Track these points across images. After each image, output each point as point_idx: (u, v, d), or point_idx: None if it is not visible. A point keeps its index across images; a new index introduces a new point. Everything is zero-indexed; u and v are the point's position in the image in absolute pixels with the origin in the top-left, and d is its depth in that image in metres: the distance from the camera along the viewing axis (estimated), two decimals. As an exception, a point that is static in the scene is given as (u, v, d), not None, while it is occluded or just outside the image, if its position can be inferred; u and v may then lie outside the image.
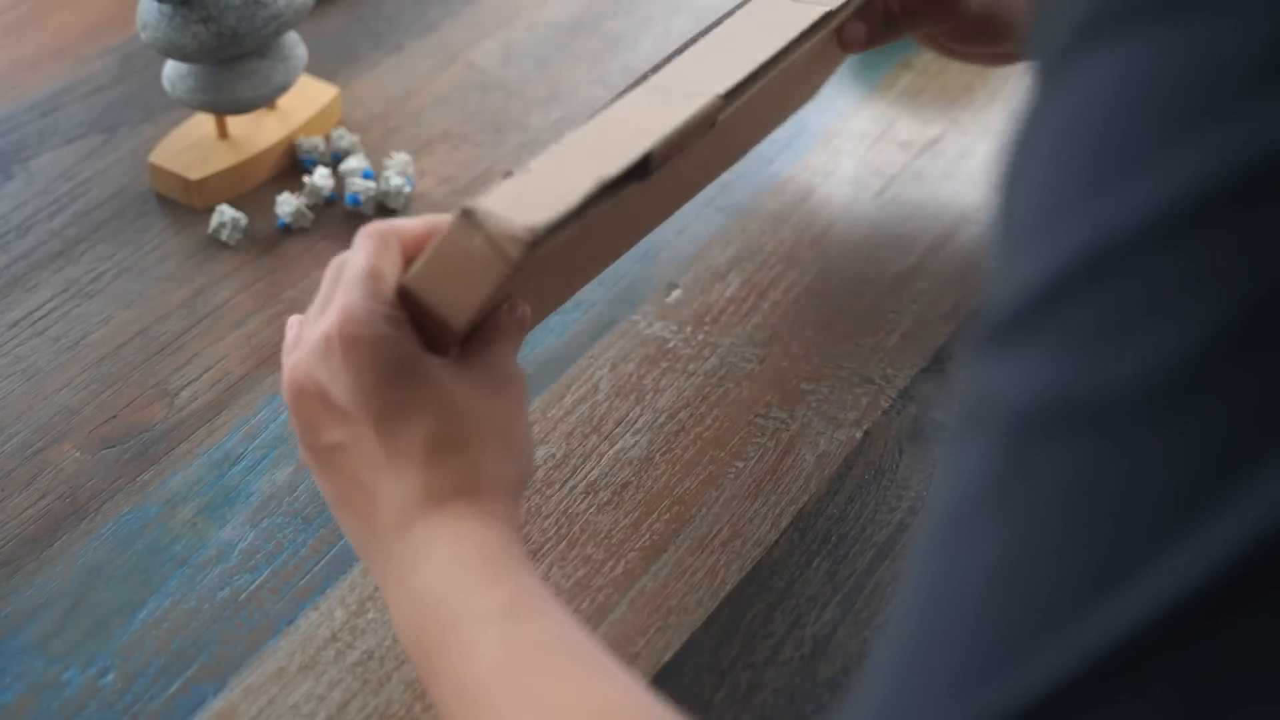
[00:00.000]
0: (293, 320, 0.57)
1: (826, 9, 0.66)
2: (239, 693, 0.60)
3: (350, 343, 0.50)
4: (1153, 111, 0.27)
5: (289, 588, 0.64)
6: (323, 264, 0.82)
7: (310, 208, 0.86)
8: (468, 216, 0.50)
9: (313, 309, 0.54)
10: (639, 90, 0.59)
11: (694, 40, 0.67)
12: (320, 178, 0.86)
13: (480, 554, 0.49)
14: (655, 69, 0.64)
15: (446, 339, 0.53)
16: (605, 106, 0.60)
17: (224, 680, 0.60)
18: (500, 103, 0.95)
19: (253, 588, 0.64)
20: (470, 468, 0.50)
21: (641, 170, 0.55)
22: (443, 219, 0.55)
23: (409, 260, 0.54)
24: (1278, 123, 0.25)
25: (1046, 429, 0.28)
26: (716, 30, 0.64)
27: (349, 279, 0.52)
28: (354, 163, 0.87)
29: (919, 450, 0.69)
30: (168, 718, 0.59)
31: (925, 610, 0.30)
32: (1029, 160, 0.29)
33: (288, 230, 0.85)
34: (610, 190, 0.53)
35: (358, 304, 0.51)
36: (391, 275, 0.53)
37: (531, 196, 0.51)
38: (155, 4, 0.82)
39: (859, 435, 0.71)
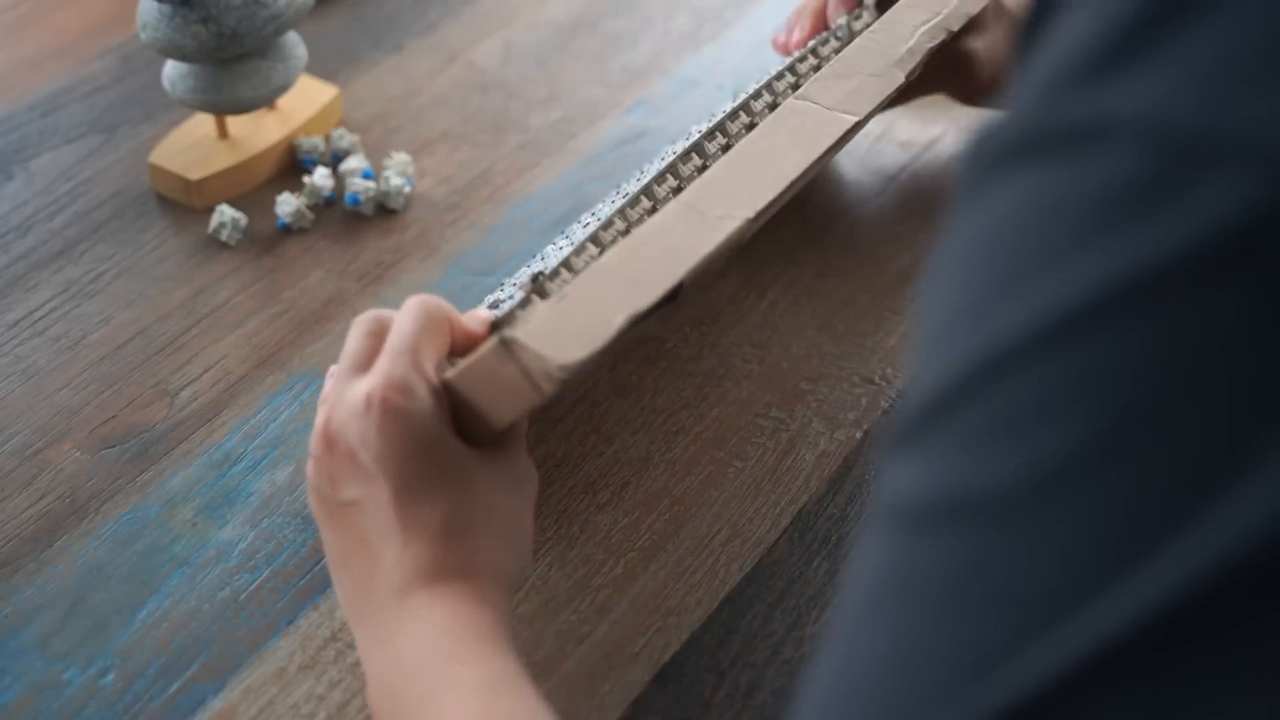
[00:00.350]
0: (333, 370, 0.58)
1: (855, 119, 0.67)
2: (239, 693, 0.60)
3: (390, 410, 0.52)
4: (1039, 235, 0.30)
5: (289, 588, 0.64)
6: (323, 264, 0.82)
7: (310, 208, 0.86)
8: (505, 346, 0.52)
9: (346, 362, 0.56)
10: (672, 206, 0.60)
11: (726, 121, 0.69)
12: (320, 178, 0.86)
13: (470, 631, 0.50)
14: (688, 154, 0.67)
15: (479, 434, 0.55)
16: (636, 211, 0.63)
17: (224, 680, 0.61)
18: (500, 103, 0.95)
19: (253, 588, 0.64)
20: (476, 553, 0.52)
21: (672, 296, 0.57)
22: (488, 318, 0.58)
23: (457, 349, 0.56)
24: (1140, 251, 0.28)
25: (937, 522, 0.30)
26: (749, 138, 0.65)
27: (396, 347, 0.54)
28: (354, 163, 0.87)
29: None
30: (168, 718, 0.59)
31: (830, 692, 0.32)
32: (943, 272, 0.32)
33: (288, 230, 0.85)
34: (641, 318, 0.55)
35: (403, 375, 0.53)
36: (436, 353, 0.55)
37: (566, 327, 0.53)
38: (155, 4, 0.82)
39: (859, 435, 0.71)
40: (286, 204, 0.85)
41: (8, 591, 0.64)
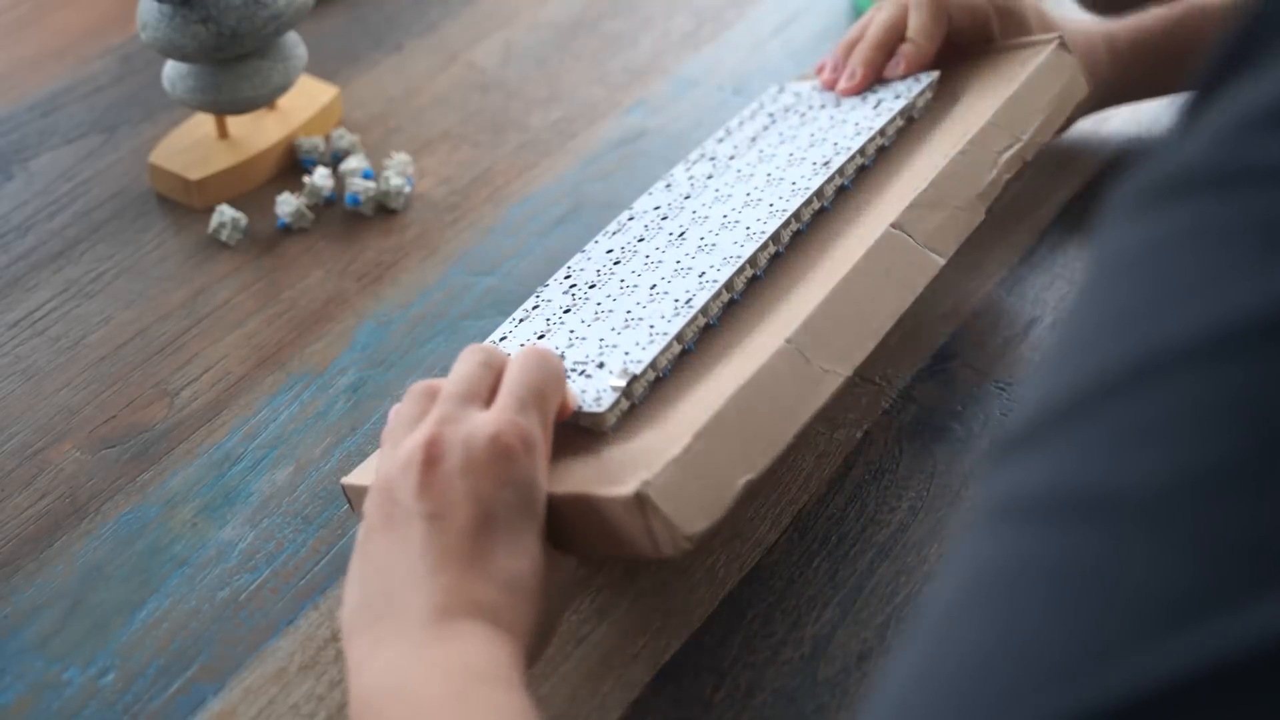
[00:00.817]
0: (416, 389, 0.59)
1: (943, 262, 0.68)
2: (239, 693, 0.60)
3: (508, 456, 0.54)
4: (1214, 254, 0.30)
5: (289, 588, 0.64)
6: (323, 263, 0.82)
7: (310, 208, 0.86)
8: (640, 502, 0.54)
9: (461, 386, 0.57)
10: (784, 350, 0.61)
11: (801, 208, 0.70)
12: (320, 178, 0.86)
13: (505, 666, 0.51)
14: (763, 246, 0.68)
15: (561, 529, 0.56)
16: (716, 303, 0.65)
17: (224, 680, 0.60)
18: (500, 103, 0.95)
19: (253, 588, 0.64)
20: (523, 616, 0.53)
21: None
22: (573, 401, 0.60)
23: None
24: None
25: (1070, 515, 0.30)
26: (855, 269, 0.65)
27: (523, 396, 0.56)
28: (354, 163, 0.87)
29: (919, 450, 0.69)
30: (168, 718, 0.59)
31: (917, 685, 0.31)
32: (1099, 279, 0.33)
33: (288, 230, 0.85)
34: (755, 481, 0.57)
35: (529, 427, 0.55)
36: (552, 412, 0.57)
37: (691, 489, 0.55)
38: (155, 4, 0.82)
39: (859, 435, 0.71)
40: (286, 204, 0.85)
41: (8, 591, 0.64)
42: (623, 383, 0.61)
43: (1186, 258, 0.31)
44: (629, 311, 0.66)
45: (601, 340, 0.65)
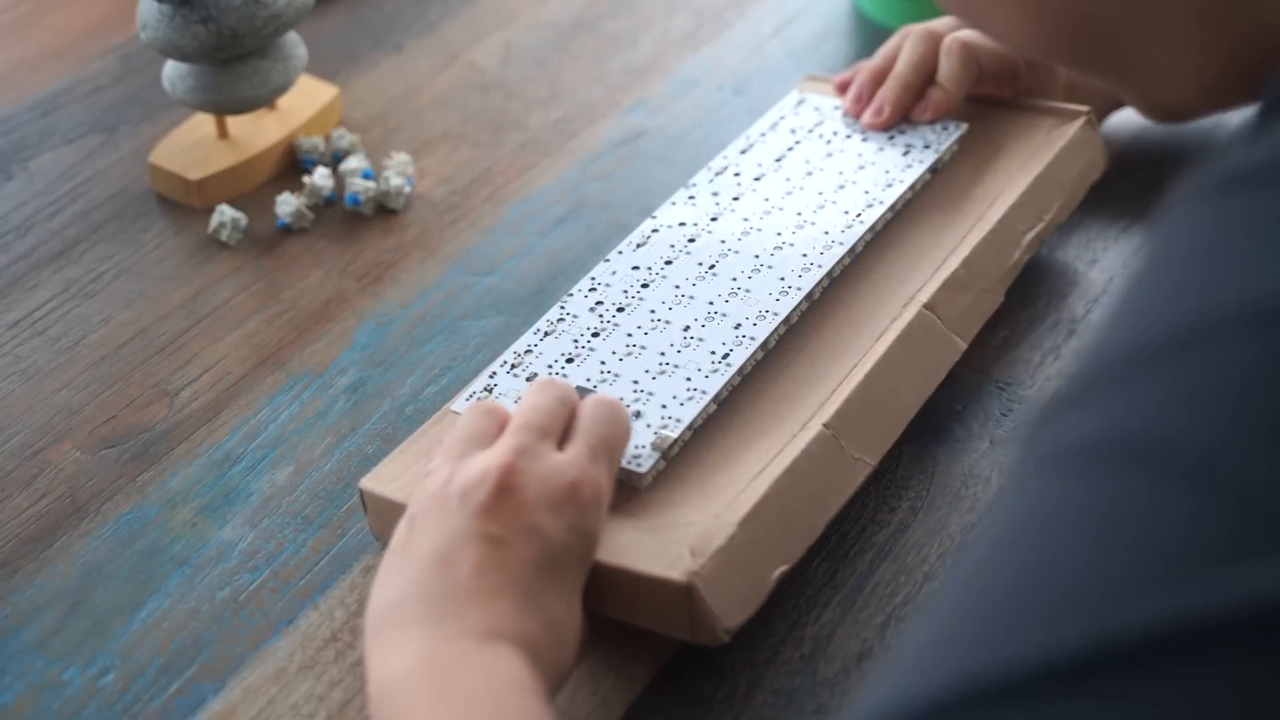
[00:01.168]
0: (486, 408, 0.60)
1: (965, 346, 0.70)
2: (239, 693, 0.60)
3: (580, 504, 0.55)
4: (1266, 238, 0.32)
5: (289, 588, 0.64)
6: (323, 264, 0.82)
7: (310, 208, 0.86)
8: (688, 590, 0.56)
9: (538, 418, 0.57)
10: (822, 436, 0.63)
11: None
12: (320, 178, 0.86)
13: (540, 686, 0.51)
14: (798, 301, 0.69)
15: (595, 592, 0.57)
16: (750, 360, 0.66)
17: (224, 680, 0.60)
18: (500, 103, 0.95)
19: (253, 588, 0.64)
20: (556, 659, 0.53)
21: None
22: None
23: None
24: None
25: (1110, 462, 0.31)
26: (880, 363, 0.66)
27: (597, 448, 0.57)
28: (354, 163, 0.87)
29: (919, 450, 0.69)
30: (168, 718, 0.59)
31: (953, 612, 0.32)
32: (1148, 267, 0.34)
33: (288, 230, 0.85)
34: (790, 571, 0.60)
35: (601, 480, 0.57)
36: (619, 463, 0.59)
37: (733, 580, 0.57)
38: (155, 4, 0.82)
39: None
40: (286, 204, 0.85)
41: (8, 591, 0.64)
42: (664, 446, 0.62)
43: (1240, 240, 0.32)
44: (662, 354, 0.67)
45: (636, 384, 0.65)
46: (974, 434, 0.70)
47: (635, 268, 0.72)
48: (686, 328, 0.68)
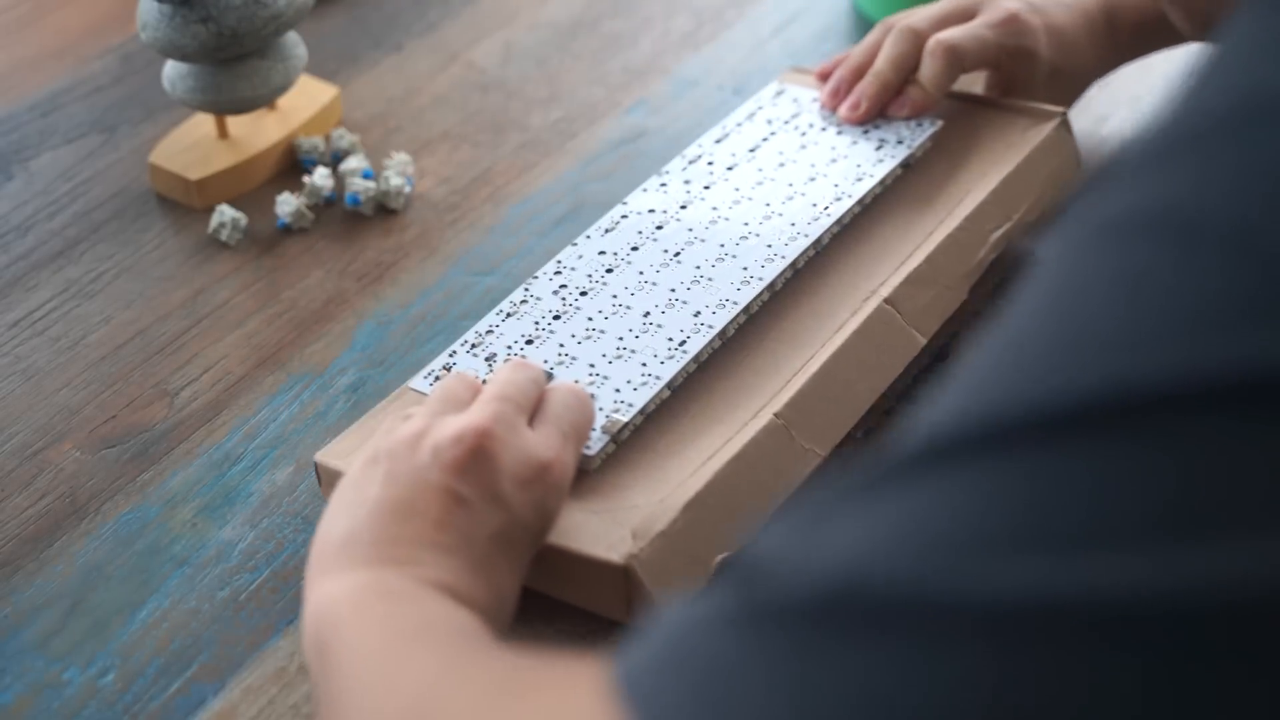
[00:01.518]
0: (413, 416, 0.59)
1: (924, 341, 0.70)
2: (239, 693, 0.60)
3: (546, 483, 0.55)
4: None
5: (289, 588, 0.64)
6: (323, 264, 0.82)
7: (310, 208, 0.86)
8: (626, 574, 0.56)
9: (514, 394, 0.58)
10: (772, 425, 0.63)
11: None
12: (320, 178, 0.86)
13: (489, 637, 0.50)
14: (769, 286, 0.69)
15: (543, 571, 0.58)
16: (706, 348, 0.66)
17: (224, 680, 0.60)
18: (500, 103, 0.95)
19: (253, 588, 0.64)
20: (499, 626, 0.53)
21: None
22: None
23: None
24: None
25: (1145, 234, 0.32)
26: (836, 355, 0.67)
27: (567, 433, 0.58)
28: (354, 163, 0.87)
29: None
30: (168, 718, 0.59)
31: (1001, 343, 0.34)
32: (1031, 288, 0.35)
33: (288, 230, 0.85)
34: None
35: (569, 464, 0.57)
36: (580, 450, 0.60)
37: (672, 561, 0.57)
38: (155, 4, 0.82)
39: (860, 436, 0.71)
40: (286, 204, 0.85)
41: (8, 591, 0.64)
42: (614, 429, 0.62)
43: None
44: (620, 339, 0.67)
45: (592, 367, 0.65)
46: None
47: (601, 252, 0.72)
48: (647, 314, 0.68)
